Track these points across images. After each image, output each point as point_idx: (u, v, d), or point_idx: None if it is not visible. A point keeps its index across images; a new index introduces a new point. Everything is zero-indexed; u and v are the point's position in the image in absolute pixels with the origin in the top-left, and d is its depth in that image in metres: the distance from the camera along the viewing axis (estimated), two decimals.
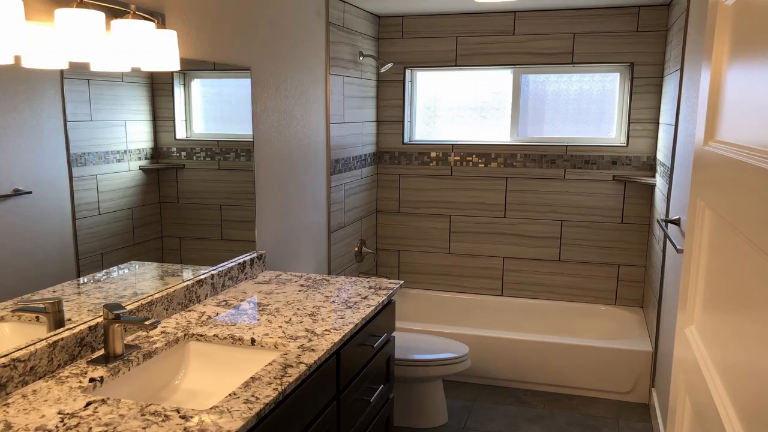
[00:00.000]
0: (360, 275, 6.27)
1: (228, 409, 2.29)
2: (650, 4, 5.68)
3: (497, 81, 6.37)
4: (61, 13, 2.41)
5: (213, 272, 3.68)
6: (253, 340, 2.98)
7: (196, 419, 2.22)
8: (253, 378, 2.56)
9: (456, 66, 6.32)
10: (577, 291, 6.36)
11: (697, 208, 2.17)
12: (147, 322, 2.65)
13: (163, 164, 3.29)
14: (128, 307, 3.02)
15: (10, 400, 2.36)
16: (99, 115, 2.84)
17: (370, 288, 3.83)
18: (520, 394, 5.56)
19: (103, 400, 2.37)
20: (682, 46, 4.60)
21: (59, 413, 2.26)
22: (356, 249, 6.15)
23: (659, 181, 5.42)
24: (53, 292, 2.66)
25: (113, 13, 2.83)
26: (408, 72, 6.52)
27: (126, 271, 3.07)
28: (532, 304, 6.45)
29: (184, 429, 2.16)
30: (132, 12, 2.77)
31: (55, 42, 2.49)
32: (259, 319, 3.26)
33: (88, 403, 2.34)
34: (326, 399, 2.96)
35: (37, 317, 2.59)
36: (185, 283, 3.44)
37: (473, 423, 5.05)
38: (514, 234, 6.43)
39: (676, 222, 4.17)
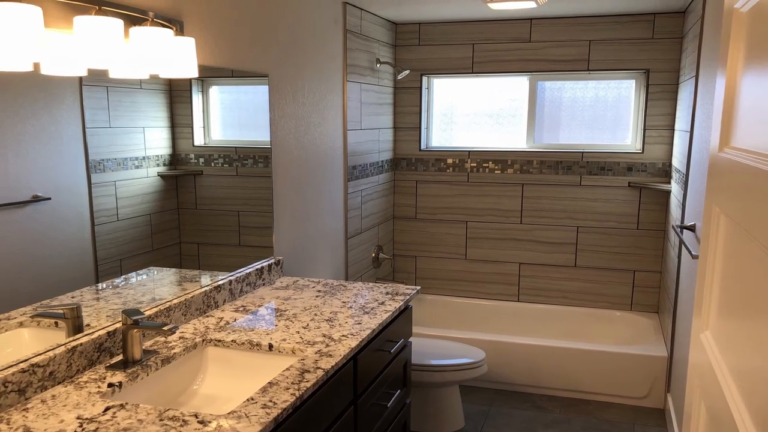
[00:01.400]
0: (377, 281, 6.28)
1: (246, 414, 2.30)
2: (665, 12, 5.68)
3: (513, 88, 6.37)
4: (79, 20, 2.43)
5: (231, 278, 3.70)
6: (270, 346, 2.99)
7: (214, 424, 2.23)
8: (270, 383, 2.57)
9: (472, 73, 6.33)
10: (593, 297, 6.36)
11: (712, 214, 2.17)
12: (165, 328, 2.66)
13: (182, 171, 3.31)
14: (147, 313, 3.04)
15: (29, 405, 2.38)
16: (118, 122, 2.86)
17: (387, 294, 3.84)
18: (536, 399, 5.56)
19: (121, 405, 2.39)
20: (697, 53, 4.60)
21: (78, 418, 2.28)
22: (373, 255, 6.16)
23: (674, 188, 5.42)
24: (72, 297, 2.68)
25: (131, 21, 2.85)
26: (425, 79, 6.54)
27: (144, 276, 3.09)
28: (548, 310, 6.45)
29: None
30: (150, 19, 2.79)
31: (74, 49, 2.51)
32: (276, 325, 3.27)
33: (107, 408, 2.36)
34: (343, 404, 2.97)
35: (56, 323, 2.60)
36: (203, 289, 3.45)
37: (489, 428, 5.05)
38: (530, 240, 6.43)
39: (691, 228, 4.17)
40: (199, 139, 3.44)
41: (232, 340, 3.05)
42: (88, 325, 2.75)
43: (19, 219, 2.41)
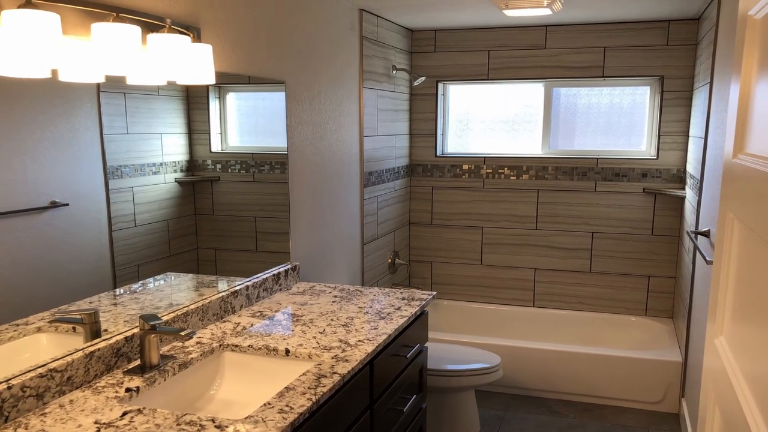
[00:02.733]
0: (393, 286, 6.29)
1: (263, 419, 2.31)
2: (680, 18, 5.68)
3: (529, 94, 6.38)
4: (97, 27, 2.44)
5: (248, 283, 3.71)
6: (287, 351, 3.00)
7: (231, 429, 2.24)
8: (287, 388, 2.58)
9: (488, 79, 6.33)
10: (608, 302, 6.35)
11: (726, 220, 2.18)
12: (182, 333, 2.67)
13: (199, 177, 3.33)
14: (164, 318, 3.05)
15: (47, 410, 2.39)
16: (135, 128, 2.88)
17: (403, 299, 3.85)
18: (551, 404, 5.56)
19: (139, 410, 2.40)
20: (711, 59, 4.60)
21: (96, 423, 2.29)
22: (389, 260, 6.17)
23: (689, 194, 5.41)
24: (90, 303, 2.70)
25: (149, 28, 2.87)
26: (440, 85, 6.55)
27: (162, 282, 3.10)
28: (563, 315, 6.44)
29: None
30: (168, 26, 2.80)
31: (92, 56, 2.52)
32: (293, 330, 3.28)
33: (125, 413, 2.37)
34: (360, 409, 2.98)
35: (74, 328, 2.62)
36: (220, 294, 3.47)
37: None
38: (545, 246, 6.43)
39: (706, 234, 4.17)
40: (216, 146, 3.45)
41: (249, 345, 3.06)
42: (105, 330, 2.77)
43: (37, 225, 2.43)
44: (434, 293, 3.99)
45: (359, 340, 3.13)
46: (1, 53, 2.10)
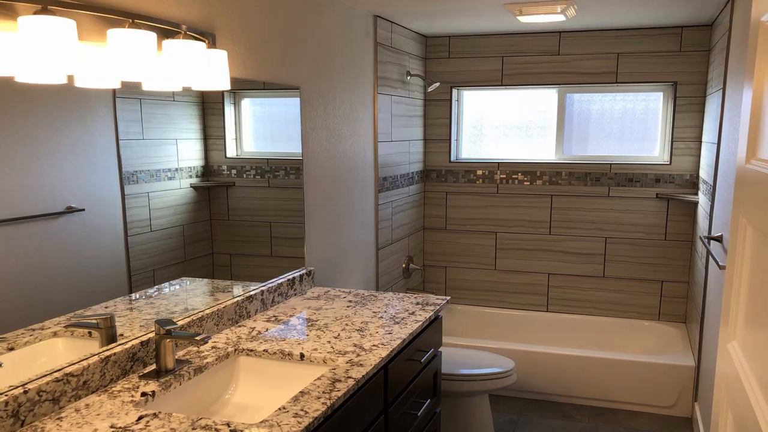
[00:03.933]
0: (407, 291, 6.29)
1: (277, 423, 2.32)
2: (693, 25, 5.68)
3: (542, 100, 6.38)
4: (113, 33, 2.45)
5: (263, 288, 3.72)
6: (302, 355, 3.01)
7: None
8: (302, 392, 2.59)
9: (502, 85, 6.34)
10: (621, 307, 6.35)
11: (739, 224, 2.18)
12: (198, 338, 2.68)
13: (214, 182, 3.34)
14: (179, 323, 3.06)
15: (63, 414, 2.40)
16: (151, 134, 2.89)
17: (418, 304, 3.86)
18: (565, 408, 5.56)
19: (154, 414, 2.41)
20: (724, 65, 4.59)
21: (111, 427, 2.30)
22: (404, 265, 6.18)
23: (702, 199, 5.41)
24: (105, 307, 2.71)
25: (164, 34, 2.88)
26: (455, 91, 6.55)
27: (177, 287, 3.11)
28: (576, 320, 6.44)
29: None
30: (183, 32, 2.81)
31: (108, 62, 2.52)
32: (308, 335, 3.29)
33: (140, 417, 2.38)
34: (374, 413, 2.98)
35: (90, 333, 2.63)
36: (235, 299, 3.48)
37: None
38: (559, 251, 6.43)
39: (719, 239, 4.16)
40: (231, 151, 3.47)
41: (263, 350, 3.07)
42: (121, 334, 2.78)
43: (54, 230, 2.45)
44: (448, 298, 4.00)
45: (374, 345, 3.14)
46: (18, 59, 2.12)
